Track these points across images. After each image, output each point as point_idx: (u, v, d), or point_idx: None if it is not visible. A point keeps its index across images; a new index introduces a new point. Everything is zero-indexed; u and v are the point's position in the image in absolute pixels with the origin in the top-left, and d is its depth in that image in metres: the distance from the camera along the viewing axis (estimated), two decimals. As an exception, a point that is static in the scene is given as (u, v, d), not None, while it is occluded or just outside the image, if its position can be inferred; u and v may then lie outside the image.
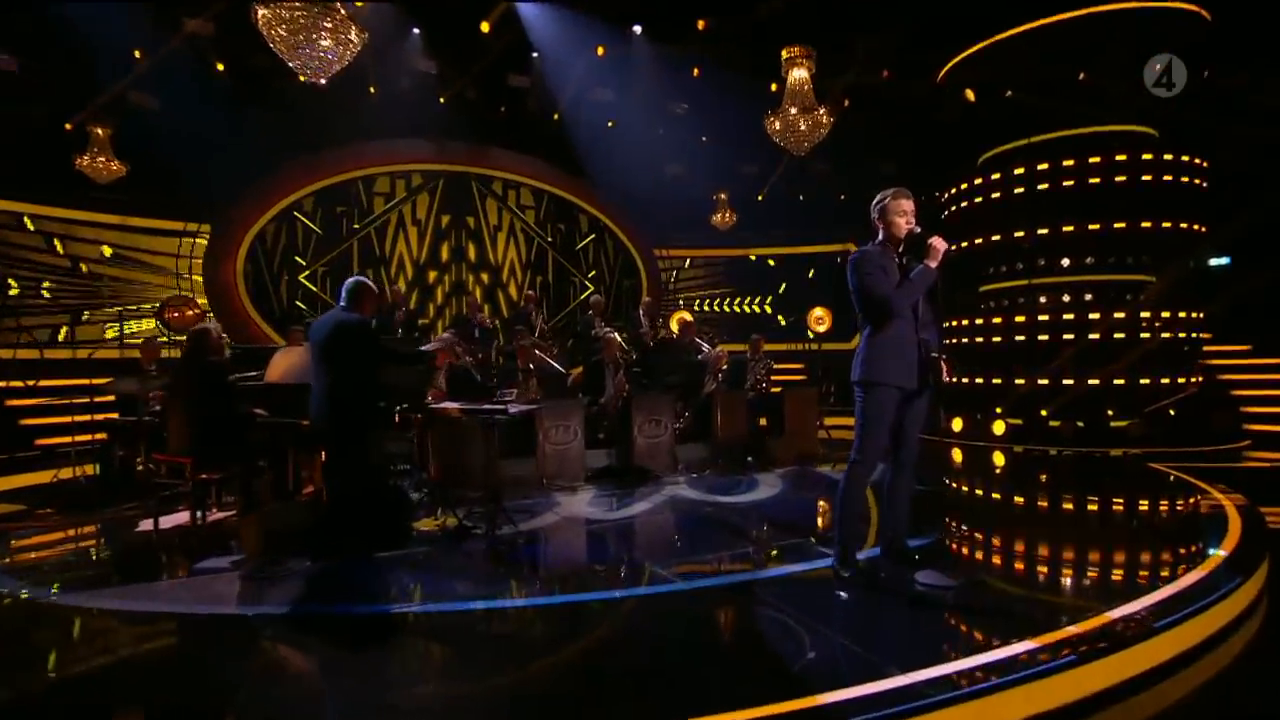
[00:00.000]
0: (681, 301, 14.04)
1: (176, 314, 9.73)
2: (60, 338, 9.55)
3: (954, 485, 6.48)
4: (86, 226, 9.66)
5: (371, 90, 10.32)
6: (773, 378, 8.92)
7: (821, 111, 7.94)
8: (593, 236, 13.11)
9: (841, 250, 13.52)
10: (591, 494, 6.01)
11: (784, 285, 13.60)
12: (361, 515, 4.36)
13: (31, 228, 9.25)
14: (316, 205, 10.84)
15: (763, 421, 7.83)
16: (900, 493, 3.63)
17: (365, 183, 11.23)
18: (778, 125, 8.21)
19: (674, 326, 10.81)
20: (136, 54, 8.65)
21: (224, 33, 8.62)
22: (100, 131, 8.64)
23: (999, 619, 3.08)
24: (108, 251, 9.75)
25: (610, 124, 12.02)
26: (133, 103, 9.32)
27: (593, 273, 13.09)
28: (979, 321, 9.61)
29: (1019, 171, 9.53)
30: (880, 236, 3.55)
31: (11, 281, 9.17)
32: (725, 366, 8.20)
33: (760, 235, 13.70)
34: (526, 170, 12.40)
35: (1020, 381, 8.94)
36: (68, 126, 9.05)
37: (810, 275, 13.64)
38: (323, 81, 5.78)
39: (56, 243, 9.39)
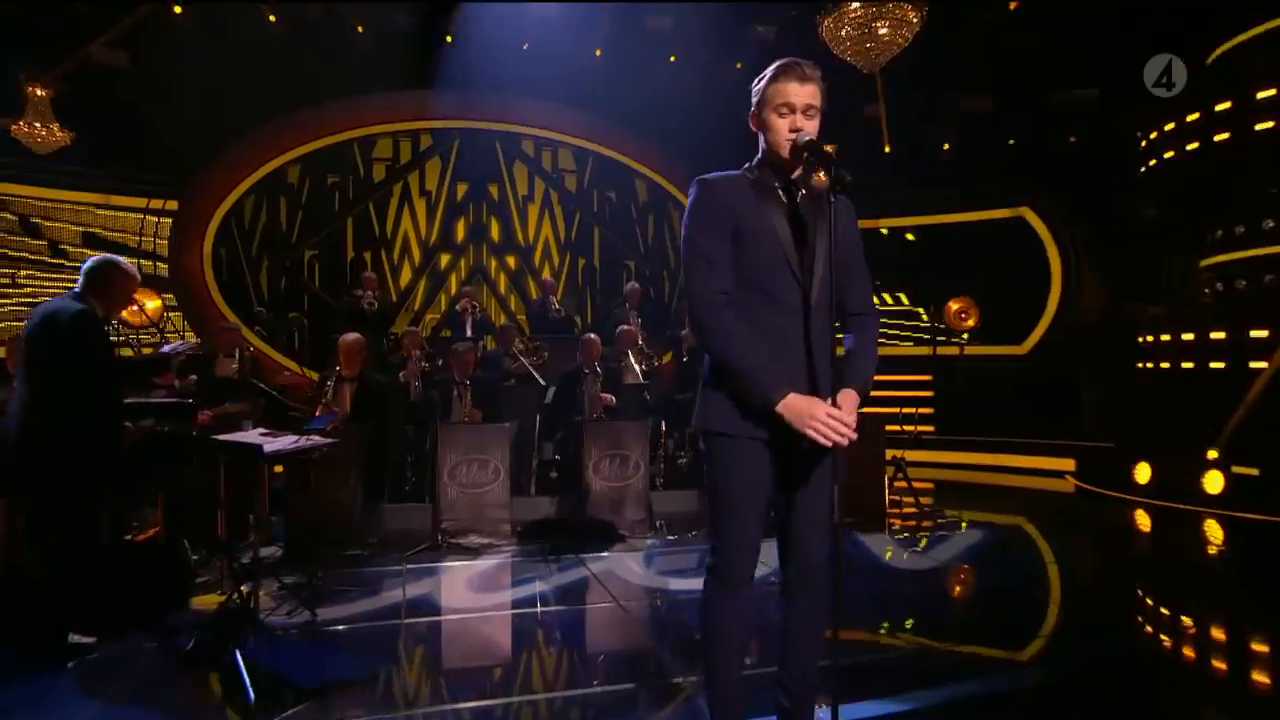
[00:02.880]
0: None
1: (135, 307, 9.74)
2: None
3: (1099, 584, 4.58)
4: (61, 206, 9.92)
5: (360, 30, 9.83)
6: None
7: (905, 5, 6.20)
8: (653, 209, 11.92)
9: (1011, 215, 11.24)
10: (496, 561, 4.88)
11: (926, 266, 11.38)
12: (69, 584, 3.61)
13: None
14: (303, 174, 10.56)
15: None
16: (801, 630, 2.26)
17: (362, 146, 10.80)
18: (843, 32, 6.58)
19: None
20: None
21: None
22: (39, 93, 8.74)
23: None
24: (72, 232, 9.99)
25: (671, 59, 10.79)
26: (96, 61, 9.43)
27: (649, 255, 11.90)
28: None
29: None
30: (760, 152, 2.21)
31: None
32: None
33: (890, 200, 11.59)
34: (565, 124, 11.45)
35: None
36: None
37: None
38: None
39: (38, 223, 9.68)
